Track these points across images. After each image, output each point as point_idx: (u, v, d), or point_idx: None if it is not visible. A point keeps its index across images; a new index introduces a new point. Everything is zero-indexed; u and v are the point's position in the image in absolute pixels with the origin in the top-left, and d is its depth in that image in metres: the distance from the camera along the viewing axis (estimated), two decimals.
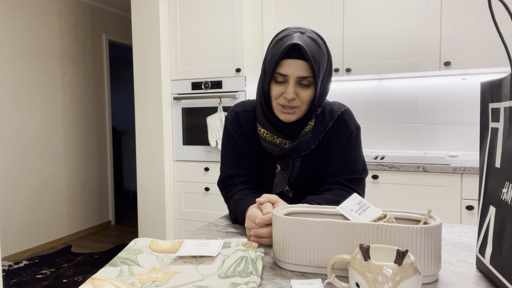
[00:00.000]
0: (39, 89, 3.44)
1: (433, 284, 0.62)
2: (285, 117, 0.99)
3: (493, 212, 0.61)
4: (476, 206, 1.96)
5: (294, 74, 0.94)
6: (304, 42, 0.93)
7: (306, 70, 0.93)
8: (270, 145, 1.04)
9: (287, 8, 2.57)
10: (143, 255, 0.71)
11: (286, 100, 0.96)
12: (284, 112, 0.98)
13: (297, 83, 0.95)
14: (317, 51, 0.94)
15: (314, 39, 0.95)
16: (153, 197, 2.68)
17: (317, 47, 0.95)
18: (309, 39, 0.94)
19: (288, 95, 0.94)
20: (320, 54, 0.95)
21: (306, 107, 0.99)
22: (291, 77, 0.94)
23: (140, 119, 2.69)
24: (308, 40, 0.94)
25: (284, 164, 1.05)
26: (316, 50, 0.94)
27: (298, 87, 0.96)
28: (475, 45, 2.14)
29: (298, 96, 0.96)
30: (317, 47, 0.94)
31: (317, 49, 0.94)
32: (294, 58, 0.93)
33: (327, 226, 0.65)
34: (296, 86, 0.95)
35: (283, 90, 0.96)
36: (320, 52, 0.95)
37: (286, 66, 0.94)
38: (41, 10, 3.45)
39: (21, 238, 3.28)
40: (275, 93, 0.98)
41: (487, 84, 0.66)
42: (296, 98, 0.96)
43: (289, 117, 0.99)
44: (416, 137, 2.58)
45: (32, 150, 3.37)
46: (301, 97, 0.96)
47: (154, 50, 2.61)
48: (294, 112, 0.98)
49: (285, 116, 0.99)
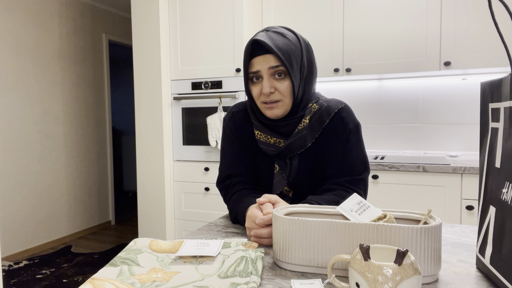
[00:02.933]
0: (39, 89, 3.44)
1: (433, 284, 0.62)
2: (271, 113, 1.00)
3: (493, 212, 0.61)
4: (476, 206, 1.96)
5: (264, 67, 0.96)
6: (267, 37, 0.95)
7: (274, 60, 0.95)
8: (265, 146, 1.04)
9: (287, 8, 2.57)
10: (143, 255, 0.71)
11: (265, 95, 0.97)
12: (268, 107, 0.99)
13: (271, 76, 0.97)
14: (282, 42, 0.96)
15: (280, 33, 0.98)
16: (153, 197, 2.68)
17: (283, 38, 0.97)
18: (273, 33, 0.97)
19: (264, 89, 0.96)
20: (287, 44, 0.96)
21: (289, 100, 0.99)
22: (262, 71, 0.96)
23: (140, 119, 2.70)
24: (272, 34, 0.97)
25: (282, 164, 1.05)
26: (282, 41, 0.96)
27: (274, 80, 0.97)
28: (475, 45, 2.14)
29: (276, 89, 0.97)
30: (283, 38, 0.97)
31: (283, 40, 0.96)
32: (260, 55, 0.96)
33: (327, 226, 0.65)
34: (271, 79, 0.97)
35: (260, 88, 0.98)
36: (288, 42, 0.97)
37: (255, 63, 0.97)
38: (41, 10, 3.45)
39: (21, 238, 3.28)
40: (255, 93, 1.00)
41: (487, 84, 0.66)
42: (274, 92, 0.97)
43: (274, 112, 0.99)
44: (416, 137, 2.58)
45: (32, 150, 3.37)
46: (279, 89, 0.97)
47: (154, 50, 2.61)
48: (277, 106, 0.99)
49: (270, 111, 1.00)
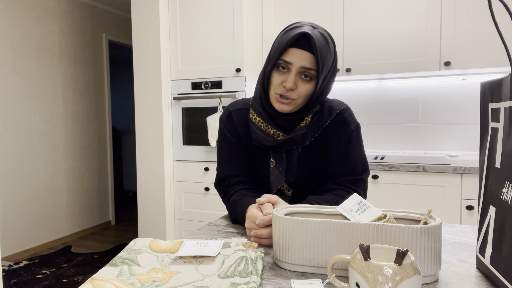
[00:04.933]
0: (39, 89, 3.44)
1: (433, 284, 0.62)
2: (280, 107, 0.98)
3: (493, 212, 0.61)
4: (476, 206, 1.96)
5: (298, 64, 0.93)
6: (314, 35, 0.92)
7: (310, 62, 0.93)
8: (262, 134, 1.03)
9: (287, 8, 2.57)
10: (143, 255, 0.71)
11: (285, 89, 0.95)
12: (280, 101, 0.97)
13: (298, 74, 0.95)
14: (324, 47, 0.93)
15: (324, 36, 0.95)
16: (153, 197, 2.68)
17: (326, 43, 0.94)
18: (319, 34, 0.94)
19: (287, 83, 0.94)
20: (327, 50, 0.94)
21: (303, 102, 0.98)
22: (294, 66, 0.93)
23: (140, 119, 2.69)
24: (318, 34, 0.94)
25: (278, 158, 1.04)
26: (324, 46, 0.93)
27: (299, 79, 0.95)
28: (475, 45, 2.13)
29: (297, 87, 0.95)
30: (326, 43, 0.94)
31: (325, 45, 0.94)
32: (301, 48, 0.93)
33: (327, 226, 0.65)
34: (297, 77, 0.95)
35: (283, 79, 0.96)
36: (328, 49, 0.95)
37: (292, 54, 0.93)
38: (41, 10, 3.45)
39: (21, 238, 3.28)
40: (275, 81, 0.97)
41: (487, 84, 0.66)
42: (294, 89, 0.95)
43: (283, 107, 0.98)
44: (416, 137, 2.58)
45: (32, 150, 3.37)
46: (300, 90, 0.95)
47: (154, 50, 2.61)
48: (289, 103, 0.97)
49: (280, 105, 0.98)
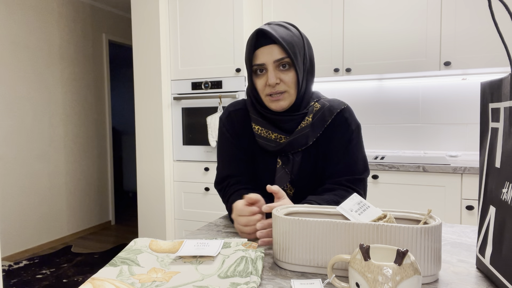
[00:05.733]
0: (39, 89, 3.44)
1: (433, 284, 0.62)
2: (276, 105, 0.99)
3: (493, 212, 0.61)
4: (476, 206, 1.96)
5: (269, 60, 0.96)
6: (270, 28, 0.95)
7: (279, 52, 0.95)
8: (265, 141, 1.04)
9: (287, 8, 2.57)
10: (143, 255, 0.71)
11: (271, 87, 0.97)
12: (273, 100, 0.99)
13: (276, 68, 0.97)
14: (286, 33, 0.96)
15: (282, 25, 0.98)
16: (153, 197, 2.68)
17: (286, 30, 0.97)
18: (276, 25, 0.97)
19: (270, 80, 0.95)
20: (291, 35, 0.96)
21: (294, 91, 0.99)
22: (268, 63, 0.96)
23: (140, 119, 2.69)
24: (275, 26, 0.97)
25: (285, 159, 1.04)
26: (286, 33, 0.96)
27: (279, 72, 0.97)
28: (475, 45, 2.13)
29: (281, 80, 0.97)
30: (286, 30, 0.97)
31: (287, 32, 0.96)
32: (264, 45, 0.95)
33: (327, 226, 0.65)
34: (277, 71, 0.97)
35: (265, 80, 0.98)
36: (291, 34, 0.97)
37: (260, 55, 0.96)
38: (41, 10, 3.45)
39: (21, 238, 3.28)
40: (259, 86, 1.00)
41: (487, 84, 0.66)
42: (280, 83, 0.97)
43: (280, 104, 0.99)
44: (416, 137, 2.58)
45: (32, 150, 3.37)
46: (285, 80, 0.97)
47: (154, 50, 2.61)
48: (283, 97, 0.99)
49: (276, 104, 0.99)
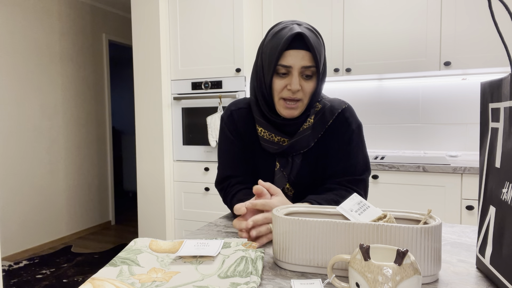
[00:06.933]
0: (39, 89, 3.44)
1: (433, 284, 0.62)
2: (289, 113, 0.97)
3: (493, 212, 0.61)
4: (476, 206, 1.96)
5: (298, 65, 0.92)
6: (307, 33, 0.93)
7: (309, 59, 0.93)
8: (268, 143, 1.03)
9: (287, 8, 2.57)
10: (143, 255, 0.71)
11: (291, 92, 0.94)
12: (288, 107, 0.96)
13: (300, 74, 0.94)
14: (316, 41, 0.94)
15: (312, 30, 0.96)
16: (153, 197, 2.68)
17: (316, 37, 0.95)
18: (307, 30, 0.95)
19: (293, 86, 0.92)
20: (320, 44, 0.95)
21: (308, 100, 0.98)
22: (295, 67, 0.93)
23: (140, 119, 2.69)
24: (307, 30, 0.94)
25: (284, 162, 1.04)
26: (316, 41, 0.94)
27: (301, 79, 0.95)
28: (475, 45, 2.13)
29: (302, 88, 0.95)
30: (316, 38, 0.95)
31: (317, 39, 0.95)
32: (296, 49, 0.92)
33: (327, 226, 0.65)
34: (300, 77, 0.94)
35: (286, 83, 0.95)
36: (319, 42, 0.96)
37: (289, 57, 0.92)
38: (41, 10, 3.45)
39: (21, 238, 3.28)
40: (278, 87, 0.96)
41: (487, 84, 0.66)
42: (299, 90, 0.95)
43: (292, 112, 0.97)
44: (416, 137, 2.58)
45: (32, 150, 3.37)
46: (304, 89, 0.95)
47: (154, 50, 2.61)
48: (297, 106, 0.97)
49: (289, 111, 0.97)
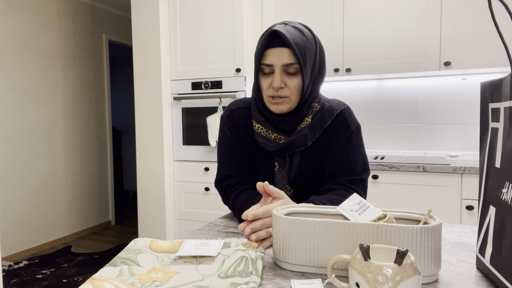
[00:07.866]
0: (39, 89, 3.44)
1: (433, 284, 0.62)
2: (276, 108, 0.99)
3: (493, 212, 0.61)
4: (476, 206, 1.96)
5: (278, 62, 0.95)
6: (285, 30, 0.94)
7: (290, 57, 0.94)
8: (265, 140, 1.04)
9: (287, 8, 2.57)
10: (143, 255, 0.71)
11: (274, 89, 0.97)
12: (274, 102, 0.99)
13: (283, 72, 0.96)
14: (300, 38, 0.95)
15: (298, 28, 0.97)
16: (153, 197, 2.68)
17: (301, 34, 0.95)
18: (292, 28, 0.96)
19: (274, 83, 0.95)
20: (304, 41, 0.95)
21: (297, 97, 0.99)
22: (276, 65, 0.95)
23: (140, 119, 2.69)
24: (290, 28, 0.95)
25: (282, 161, 1.04)
26: (300, 37, 0.95)
27: (285, 76, 0.97)
28: (475, 45, 2.13)
29: (286, 85, 0.97)
30: (301, 35, 0.95)
31: (301, 36, 0.95)
32: (276, 47, 0.94)
33: (327, 226, 0.65)
34: (283, 74, 0.96)
35: (270, 81, 0.97)
36: (305, 39, 0.96)
37: (270, 56, 0.95)
38: (41, 10, 3.45)
39: (21, 238, 3.28)
40: (264, 85, 0.99)
41: (487, 84, 0.66)
42: (284, 87, 0.97)
43: (279, 108, 0.99)
44: (416, 137, 2.58)
45: (32, 150, 3.37)
46: (289, 85, 0.97)
47: (154, 50, 2.61)
48: (283, 102, 0.98)
49: (276, 106, 0.99)
